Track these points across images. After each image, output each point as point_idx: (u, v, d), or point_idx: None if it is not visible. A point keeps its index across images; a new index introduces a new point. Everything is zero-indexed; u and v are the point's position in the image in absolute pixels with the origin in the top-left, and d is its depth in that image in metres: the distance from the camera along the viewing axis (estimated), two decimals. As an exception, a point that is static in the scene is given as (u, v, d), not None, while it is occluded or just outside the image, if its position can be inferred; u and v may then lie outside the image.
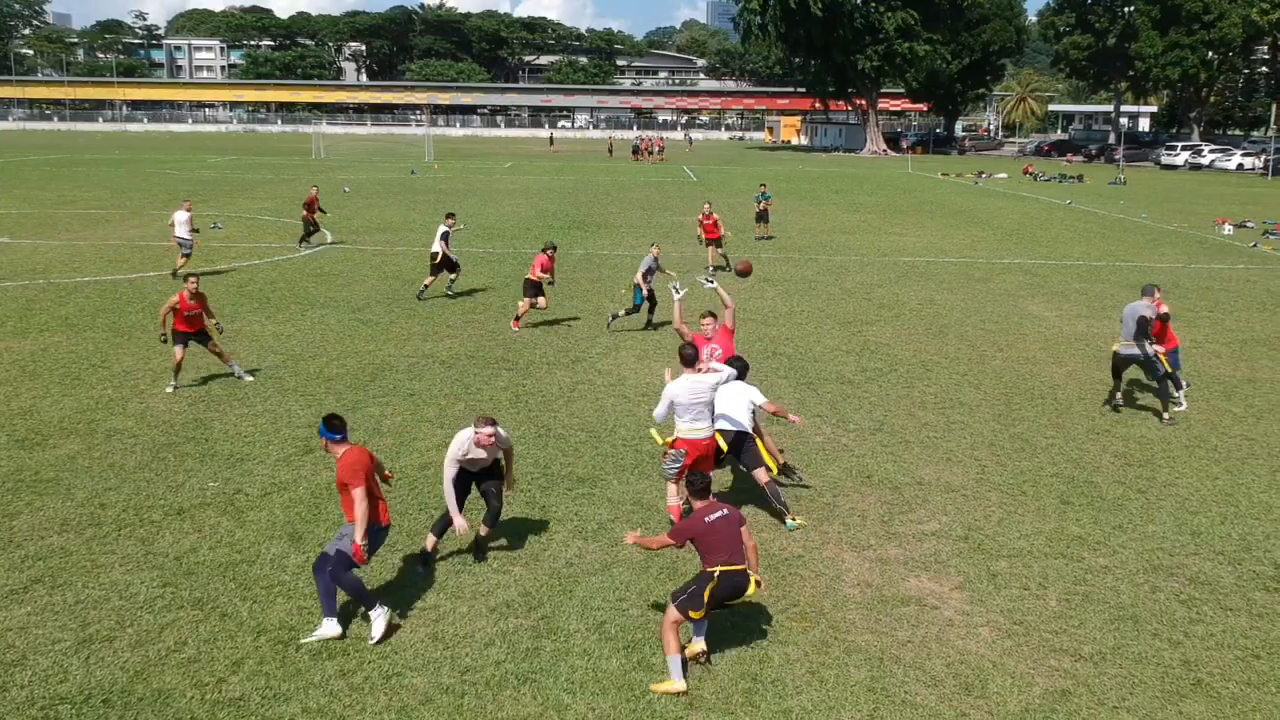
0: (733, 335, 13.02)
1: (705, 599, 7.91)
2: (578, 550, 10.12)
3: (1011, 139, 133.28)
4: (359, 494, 8.33)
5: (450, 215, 23.44)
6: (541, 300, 20.05)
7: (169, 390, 15.12)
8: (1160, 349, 14.96)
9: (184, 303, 15.16)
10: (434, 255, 22.39)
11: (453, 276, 22.95)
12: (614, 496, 11.45)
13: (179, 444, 12.91)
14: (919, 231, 36.91)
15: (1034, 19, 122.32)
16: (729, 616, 8.62)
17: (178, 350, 15.27)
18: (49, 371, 16.20)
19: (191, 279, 15.66)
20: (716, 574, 7.94)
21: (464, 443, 9.49)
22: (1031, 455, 13.22)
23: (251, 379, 15.83)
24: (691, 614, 7.95)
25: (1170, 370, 15.02)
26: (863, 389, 16.14)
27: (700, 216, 28.49)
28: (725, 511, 8.27)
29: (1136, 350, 14.79)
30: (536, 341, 18.91)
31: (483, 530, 9.91)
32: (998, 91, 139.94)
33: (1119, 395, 15.39)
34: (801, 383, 16.42)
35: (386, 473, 9.37)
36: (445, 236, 22.39)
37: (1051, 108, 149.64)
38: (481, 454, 9.53)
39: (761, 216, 33.99)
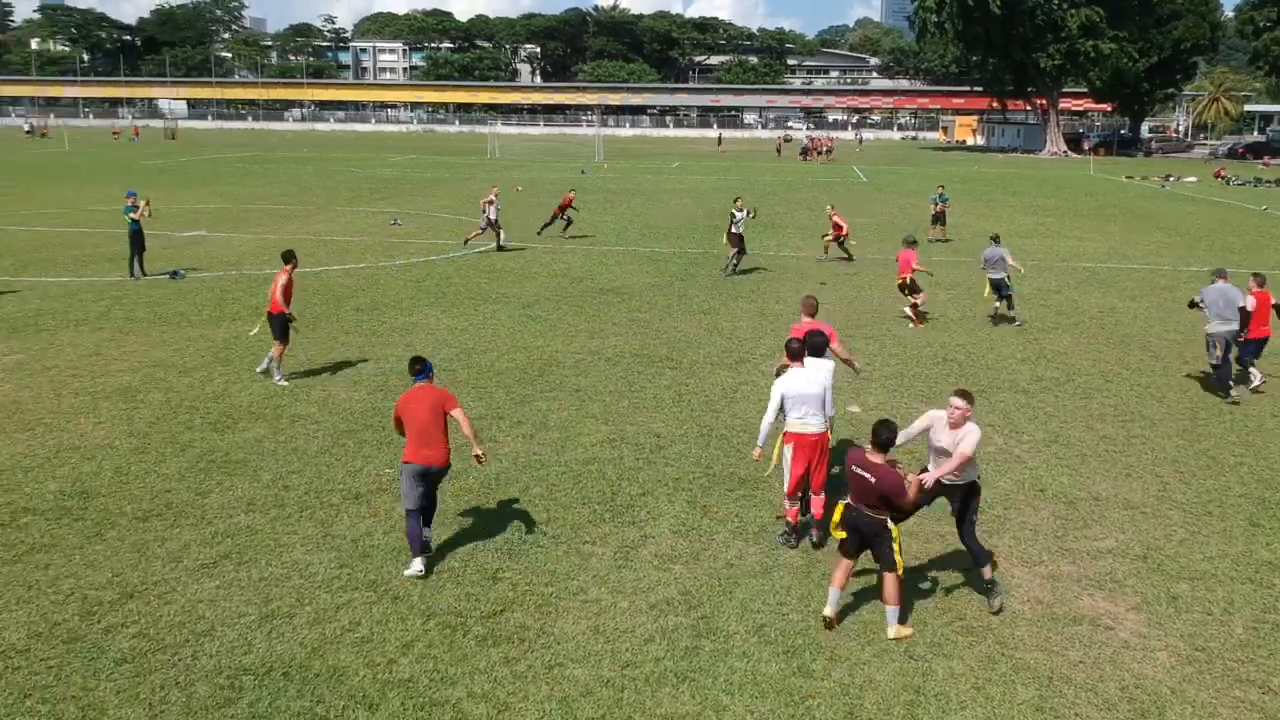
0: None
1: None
2: (738, 551, 10.10)
3: (1203, 140, 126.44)
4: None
5: (738, 198, 27.19)
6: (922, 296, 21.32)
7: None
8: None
9: None
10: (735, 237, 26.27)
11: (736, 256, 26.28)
12: (776, 500, 11.36)
13: (357, 431, 13.45)
14: (1100, 236, 35.45)
15: (1230, 14, 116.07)
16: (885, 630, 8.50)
17: None
18: (239, 359, 17.11)
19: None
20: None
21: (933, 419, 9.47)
22: (1218, 473, 12.54)
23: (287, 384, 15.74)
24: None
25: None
26: (1037, 399, 15.61)
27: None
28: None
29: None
30: (700, 341, 18.96)
31: None
32: (1188, 91, 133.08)
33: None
34: (973, 390, 15.93)
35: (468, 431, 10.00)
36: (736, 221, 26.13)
37: (1247, 108, 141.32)
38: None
39: (938, 218, 33.25)
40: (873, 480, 8.70)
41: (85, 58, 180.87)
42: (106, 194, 42.57)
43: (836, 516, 9.01)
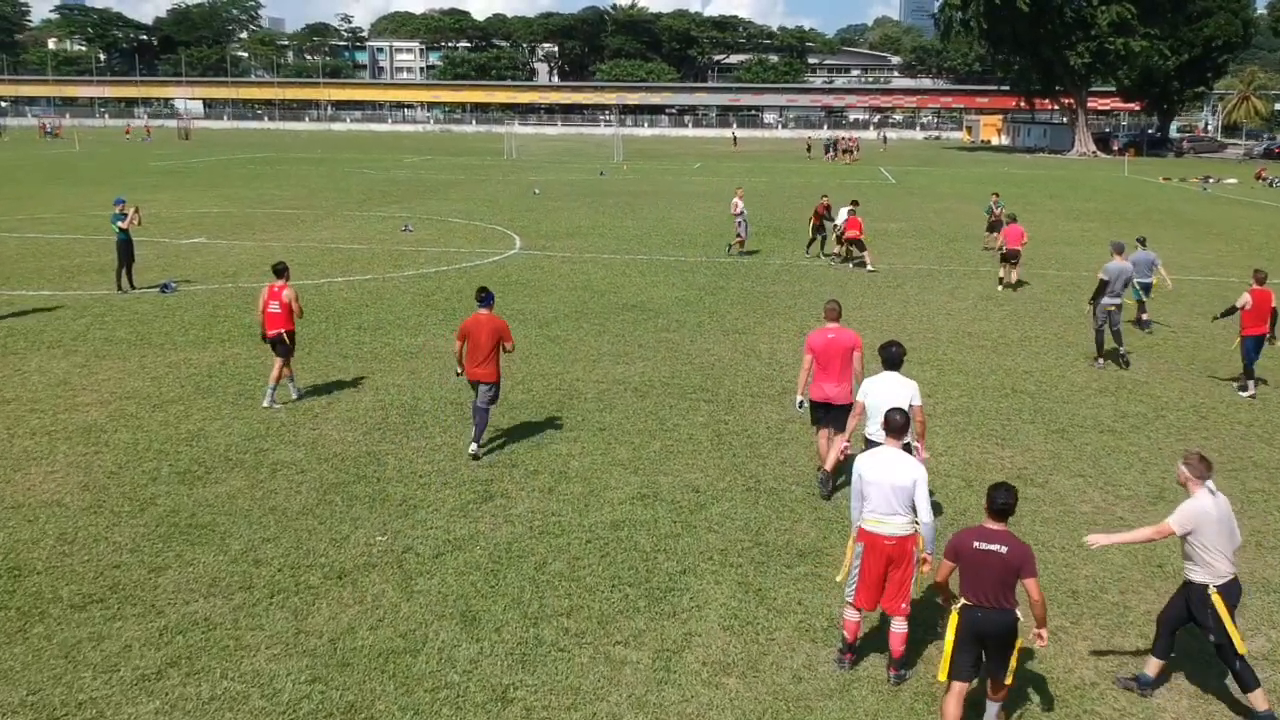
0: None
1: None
2: (805, 658, 8.18)
3: (1235, 140, 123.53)
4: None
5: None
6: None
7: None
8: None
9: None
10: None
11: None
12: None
13: (348, 484, 11.58)
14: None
15: (1263, 11, 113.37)
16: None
17: None
18: (223, 388, 15.28)
19: None
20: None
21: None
22: (1366, 542, 10.56)
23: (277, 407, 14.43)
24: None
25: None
26: (1128, 440, 13.63)
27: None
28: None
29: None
30: (736, 367, 17.03)
31: None
32: (1217, 90, 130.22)
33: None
34: (1052, 430, 14.00)
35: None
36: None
37: (1278, 106, 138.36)
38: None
39: (994, 226, 30.91)
40: (1004, 552, 6.95)
41: (101, 57, 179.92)
42: (109, 197, 40.91)
43: (951, 630, 7.11)
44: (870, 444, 10.00)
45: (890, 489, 7.69)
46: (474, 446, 12.42)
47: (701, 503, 11.22)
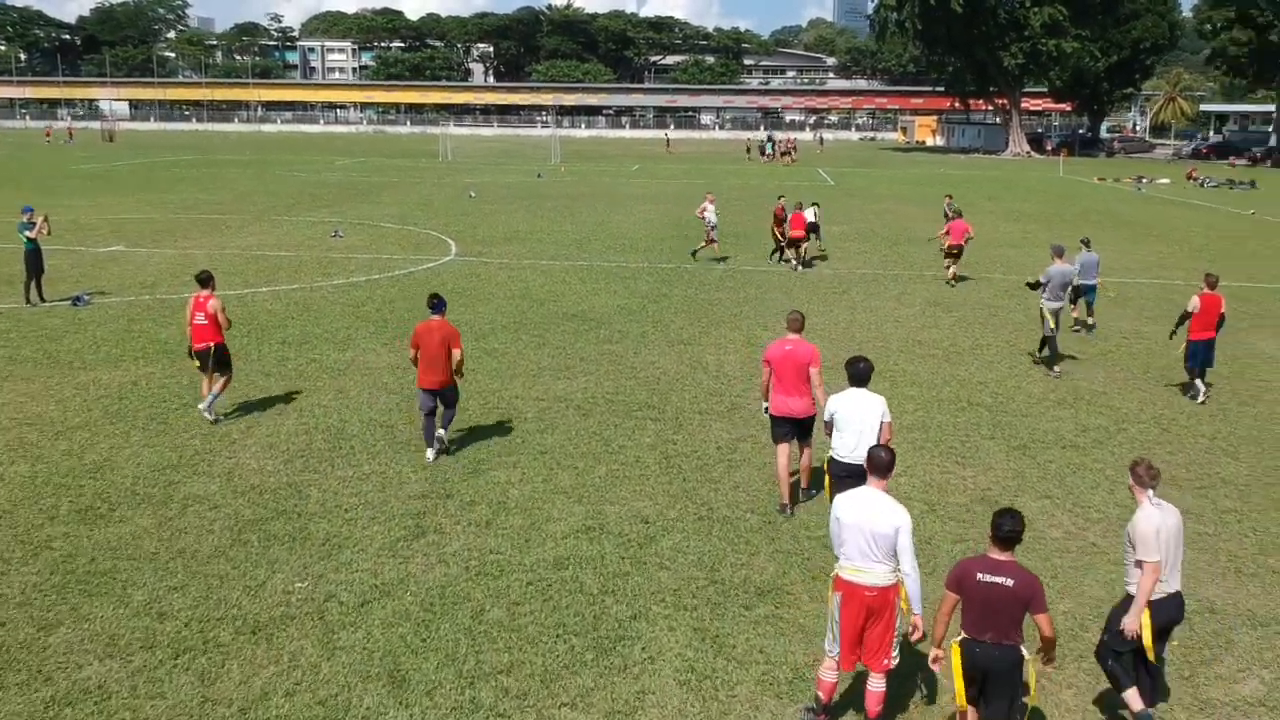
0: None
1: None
2: (770, 717, 7.44)
3: (1162, 140, 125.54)
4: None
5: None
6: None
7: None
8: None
9: None
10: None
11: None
12: (807, 621, 8.74)
13: (266, 520, 10.64)
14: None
15: (1188, 13, 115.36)
16: None
17: None
18: (135, 413, 14.21)
19: None
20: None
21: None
22: (1346, 566, 10.08)
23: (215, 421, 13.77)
24: None
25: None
26: (1092, 456, 13.10)
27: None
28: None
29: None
30: (683, 381, 16.30)
31: None
32: (1144, 90, 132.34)
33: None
34: (1013, 446, 13.43)
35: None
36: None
37: (1203, 107, 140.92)
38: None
39: None
40: (1011, 585, 6.43)
41: (22, 57, 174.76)
42: (22, 204, 39.26)
43: (956, 660, 6.55)
44: (836, 463, 9.51)
45: (870, 536, 6.91)
46: (430, 454, 12.39)
47: (651, 535, 10.45)
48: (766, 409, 11.22)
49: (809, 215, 28.44)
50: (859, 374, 9.54)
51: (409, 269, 26.44)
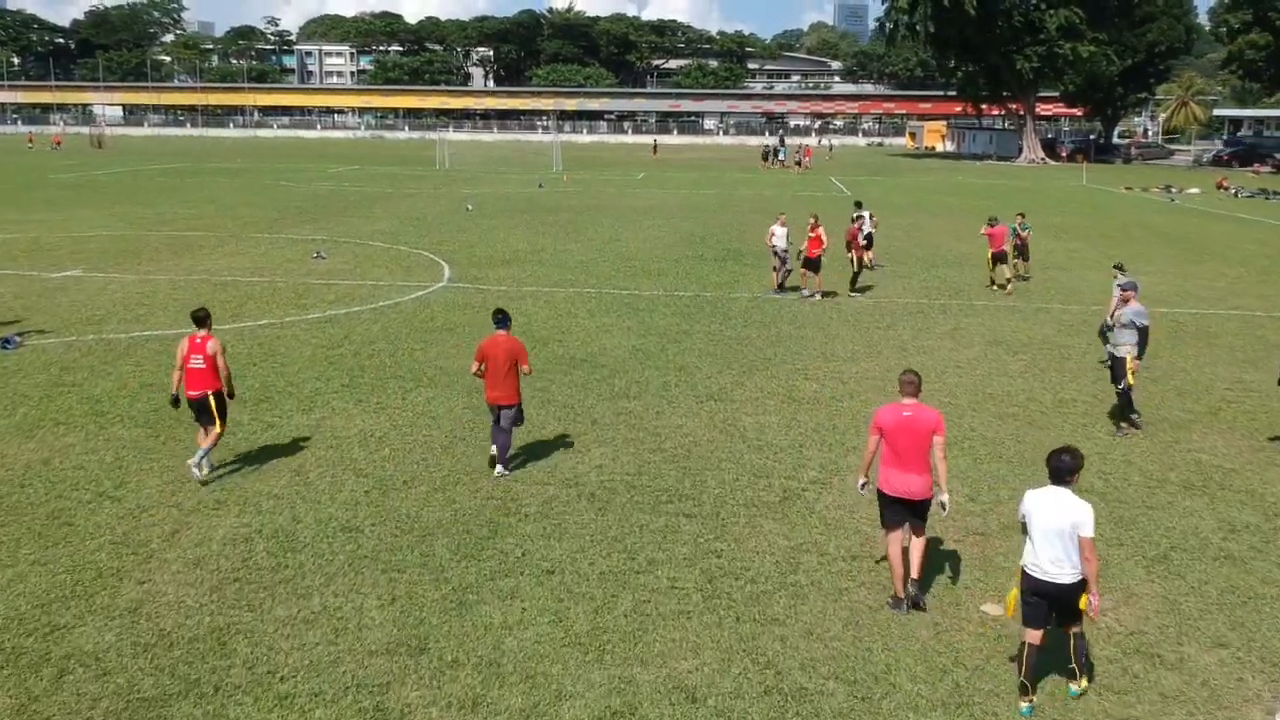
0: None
1: None
2: None
3: (1183, 146, 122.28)
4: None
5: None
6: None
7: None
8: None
9: None
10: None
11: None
12: None
13: (169, 700, 7.69)
14: (1150, 266, 29.97)
15: (1204, 16, 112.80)
16: None
17: None
18: (33, 508, 11.26)
19: None
20: None
21: None
22: None
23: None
24: None
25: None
26: (1256, 573, 10.14)
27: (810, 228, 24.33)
28: None
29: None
30: (719, 454, 13.35)
31: None
32: (1157, 95, 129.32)
33: None
34: (1151, 558, 10.47)
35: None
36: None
37: (1216, 112, 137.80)
38: None
39: (1022, 251, 27.35)
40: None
41: (15, 61, 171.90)
42: (-18, 219, 36.45)
43: None
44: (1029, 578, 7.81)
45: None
46: (499, 469, 12.40)
47: (701, 722, 7.52)
48: (865, 485, 9.41)
49: (867, 225, 26.80)
50: (1062, 469, 7.75)
51: (395, 298, 23.53)
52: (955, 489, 11.21)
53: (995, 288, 25.39)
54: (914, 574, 9.25)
